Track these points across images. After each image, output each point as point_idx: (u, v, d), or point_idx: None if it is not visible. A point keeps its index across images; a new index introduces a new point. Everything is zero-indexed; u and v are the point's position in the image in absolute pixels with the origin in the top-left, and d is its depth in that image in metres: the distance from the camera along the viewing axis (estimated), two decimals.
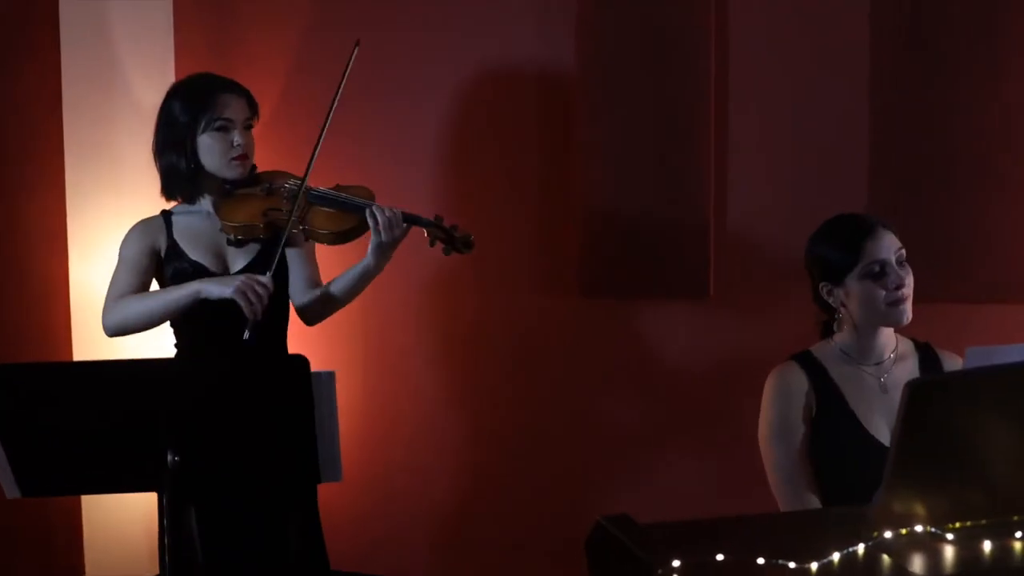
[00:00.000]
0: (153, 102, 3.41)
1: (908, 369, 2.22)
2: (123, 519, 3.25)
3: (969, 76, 2.78)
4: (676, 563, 1.26)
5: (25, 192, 2.91)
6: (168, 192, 2.46)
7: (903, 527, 1.44)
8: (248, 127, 2.41)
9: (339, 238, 2.35)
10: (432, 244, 2.38)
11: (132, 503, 3.25)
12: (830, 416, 2.16)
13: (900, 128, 2.87)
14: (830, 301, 2.20)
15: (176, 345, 2.48)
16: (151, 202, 3.38)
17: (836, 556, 1.37)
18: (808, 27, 2.95)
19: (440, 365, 3.33)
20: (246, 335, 2.20)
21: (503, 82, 3.19)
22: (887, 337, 2.22)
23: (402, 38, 3.28)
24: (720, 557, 1.29)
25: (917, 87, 2.84)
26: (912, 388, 1.37)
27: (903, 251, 2.15)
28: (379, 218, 2.28)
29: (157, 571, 3.34)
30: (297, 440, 1.83)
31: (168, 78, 3.48)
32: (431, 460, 3.35)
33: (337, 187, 2.44)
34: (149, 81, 3.41)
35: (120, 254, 2.43)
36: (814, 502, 2.12)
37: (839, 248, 2.16)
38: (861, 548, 1.40)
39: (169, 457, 1.80)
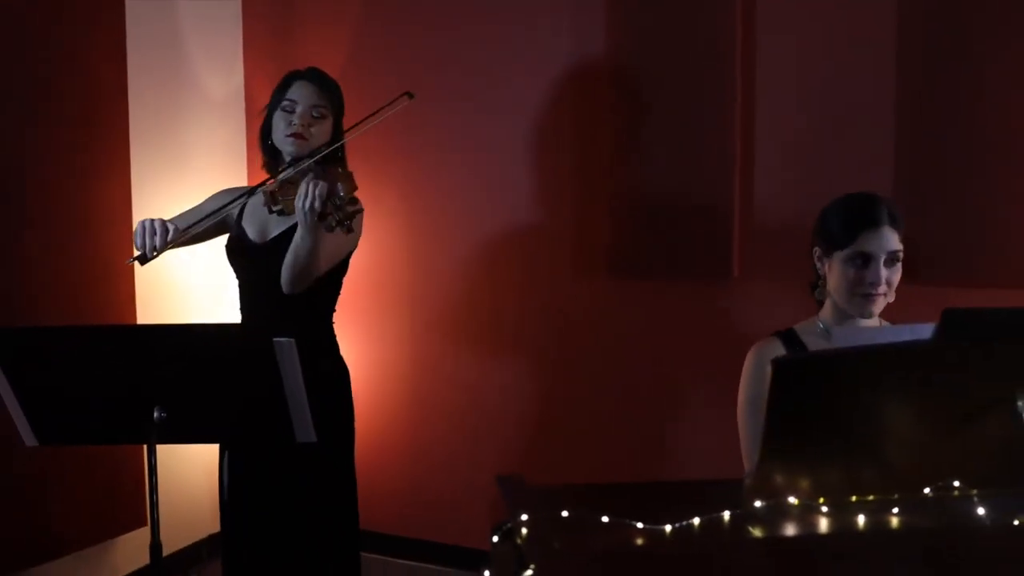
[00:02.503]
0: (222, 93, 3.69)
1: None
2: (188, 474, 3.53)
3: (997, 57, 2.72)
4: (523, 516, 1.36)
5: (93, 179, 3.18)
6: (265, 167, 2.71)
7: (776, 498, 1.50)
8: (318, 115, 2.59)
9: (291, 207, 2.45)
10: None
11: (196, 459, 3.52)
12: None
13: (927, 110, 2.83)
14: (816, 265, 2.24)
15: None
16: (224, 181, 3.62)
17: (696, 520, 1.45)
18: (834, 10, 2.93)
19: (479, 343, 3.48)
20: (128, 260, 2.38)
21: (538, 74, 3.29)
22: (869, 319, 2.22)
23: (442, 32, 3.42)
24: (564, 514, 1.38)
25: (944, 69, 2.79)
26: (776, 365, 1.42)
27: (900, 251, 2.14)
28: (301, 186, 2.38)
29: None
30: (268, 404, 2.01)
31: (236, 71, 3.74)
32: (469, 433, 3.51)
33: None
34: (216, 73, 3.66)
35: (204, 201, 2.72)
36: None
37: (840, 226, 2.17)
38: (727, 515, 1.47)
39: (155, 413, 2.01)
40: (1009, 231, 2.77)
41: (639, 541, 1.39)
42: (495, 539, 1.38)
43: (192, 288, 3.51)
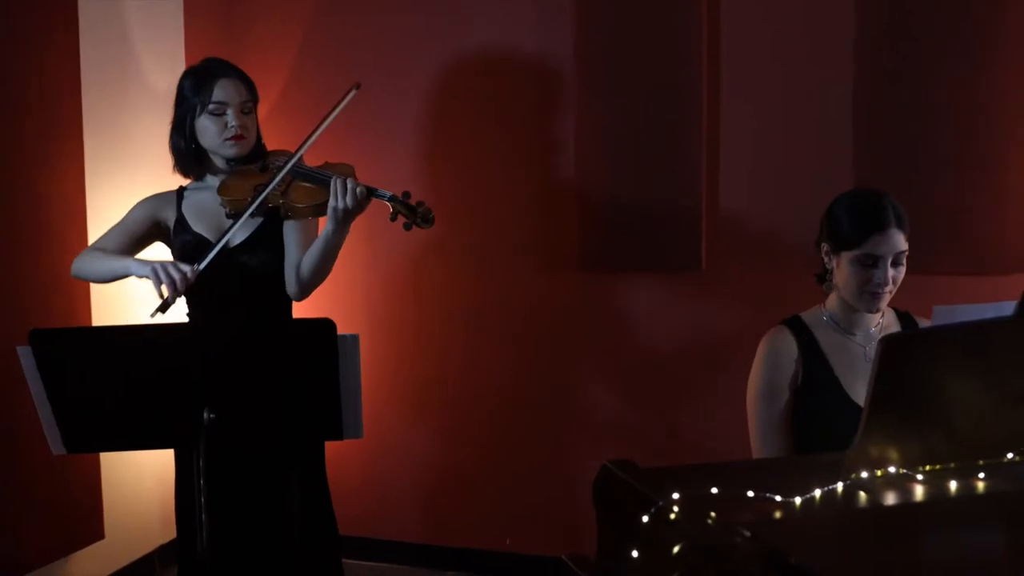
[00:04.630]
0: (165, 87, 3.57)
1: None
2: (140, 486, 3.40)
3: (950, 64, 2.94)
4: (675, 495, 1.41)
5: (47, 171, 3.04)
6: (179, 169, 2.63)
7: (877, 469, 1.60)
8: (247, 110, 2.54)
9: (316, 211, 2.44)
10: (394, 219, 2.43)
11: (149, 470, 3.40)
12: (816, 381, 2.29)
13: (883, 113, 3.02)
14: (824, 260, 2.32)
15: (187, 315, 2.63)
16: (164, 180, 3.51)
17: (817, 492, 1.53)
18: (795, 17, 3.10)
19: (445, 336, 3.49)
20: (152, 313, 2.28)
21: (505, 69, 3.33)
22: (874, 315, 2.34)
23: (404, 26, 3.41)
24: (714, 491, 1.44)
25: (899, 74, 2.99)
26: (886, 342, 1.52)
27: (905, 251, 2.23)
28: (338, 184, 2.37)
29: (172, 536, 3.51)
30: (322, 398, 1.98)
31: (179, 64, 3.62)
32: (433, 429, 3.51)
33: (324, 164, 2.54)
34: (161, 67, 3.54)
35: (126, 215, 2.60)
36: None
37: (849, 227, 2.23)
38: (840, 486, 1.56)
39: (205, 415, 1.95)
40: (962, 221, 2.98)
41: (777, 514, 1.46)
42: (644, 519, 1.42)
43: (149, 290, 3.38)
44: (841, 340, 2.33)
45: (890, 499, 1.57)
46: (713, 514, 1.42)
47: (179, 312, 2.63)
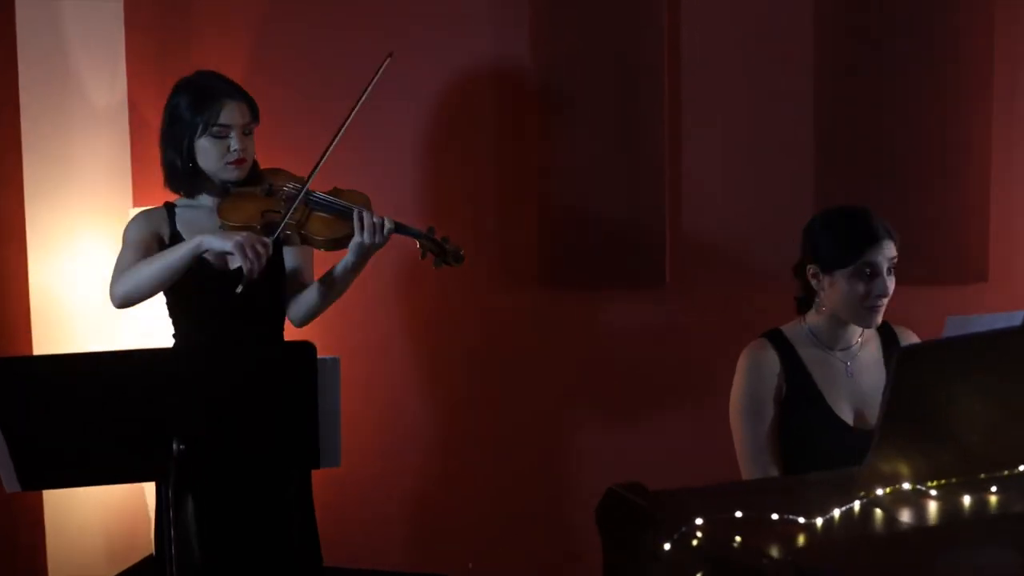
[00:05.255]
0: (105, 102, 3.43)
1: (872, 353, 2.32)
2: (84, 520, 3.24)
3: (910, 73, 2.95)
4: (699, 521, 1.35)
5: None
6: (169, 185, 2.49)
7: (890, 485, 1.56)
8: (248, 132, 2.44)
9: (333, 244, 2.38)
10: (423, 256, 2.41)
11: (93, 504, 3.23)
12: (799, 396, 2.26)
13: (844, 124, 3.03)
14: (812, 283, 2.28)
15: (174, 335, 2.49)
16: (105, 198, 3.39)
17: (836, 512, 1.48)
18: (755, 30, 3.09)
19: (401, 359, 3.39)
20: (239, 289, 2.20)
21: (461, 80, 3.26)
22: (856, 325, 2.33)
23: (358, 37, 3.32)
24: (738, 514, 1.38)
25: (859, 84, 3.00)
26: (902, 354, 1.49)
27: (895, 259, 2.23)
28: (365, 221, 2.33)
29: (118, 570, 3.35)
30: (299, 425, 1.88)
31: (119, 78, 3.48)
32: (393, 454, 3.41)
33: (334, 190, 2.46)
34: (100, 81, 3.40)
35: (125, 239, 2.44)
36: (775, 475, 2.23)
37: (841, 245, 2.21)
38: (857, 505, 1.51)
39: (174, 445, 1.83)
40: (922, 231, 2.99)
41: (800, 536, 1.41)
42: (667, 546, 1.36)
43: (92, 309, 3.23)
44: (823, 355, 2.30)
45: (906, 516, 1.53)
46: (739, 538, 1.36)
47: (166, 335, 2.51)
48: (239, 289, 2.21)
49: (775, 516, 1.39)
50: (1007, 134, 2.94)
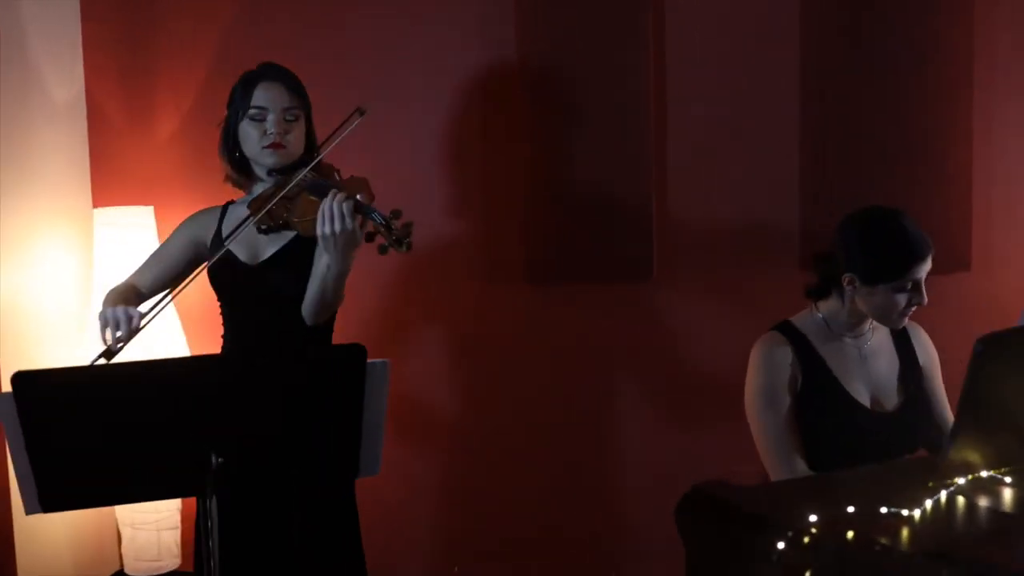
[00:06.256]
0: (64, 97, 3.24)
1: (881, 339, 2.37)
2: (53, 536, 3.08)
3: (894, 64, 3.00)
4: (812, 518, 1.32)
5: None
6: (228, 179, 2.44)
7: (969, 474, 1.57)
8: (291, 117, 2.36)
9: (310, 226, 2.23)
10: (370, 239, 2.26)
11: (61, 519, 3.06)
12: (816, 384, 2.29)
13: (829, 119, 3.06)
14: (847, 288, 2.28)
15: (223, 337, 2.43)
16: (66, 199, 3.21)
17: (928, 503, 1.48)
18: (741, 21, 3.09)
19: (387, 357, 3.29)
20: (94, 360, 2.06)
21: (445, 73, 3.19)
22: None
23: (340, 33, 3.22)
24: (851, 509, 1.36)
25: (845, 76, 3.03)
26: (984, 343, 1.49)
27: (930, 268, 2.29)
28: (325, 207, 2.17)
29: None
30: (343, 431, 1.80)
31: (77, 73, 3.30)
32: None
33: (351, 179, 2.37)
34: (59, 76, 3.22)
35: (167, 239, 2.45)
36: (802, 465, 2.24)
37: (888, 264, 2.23)
38: (943, 495, 1.51)
39: (213, 459, 1.73)
40: None
41: (904, 529, 1.40)
42: (781, 545, 1.33)
43: (53, 314, 3.06)
44: (836, 343, 2.34)
45: (987, 502, 1.53)
46: (851, 533, 1.34)
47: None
48: (94, 360, 2.06)
49: (884, 510, 1.37)
50: (987, 128, 3.02)
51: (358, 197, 2.18)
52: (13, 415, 1.62)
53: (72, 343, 3.11)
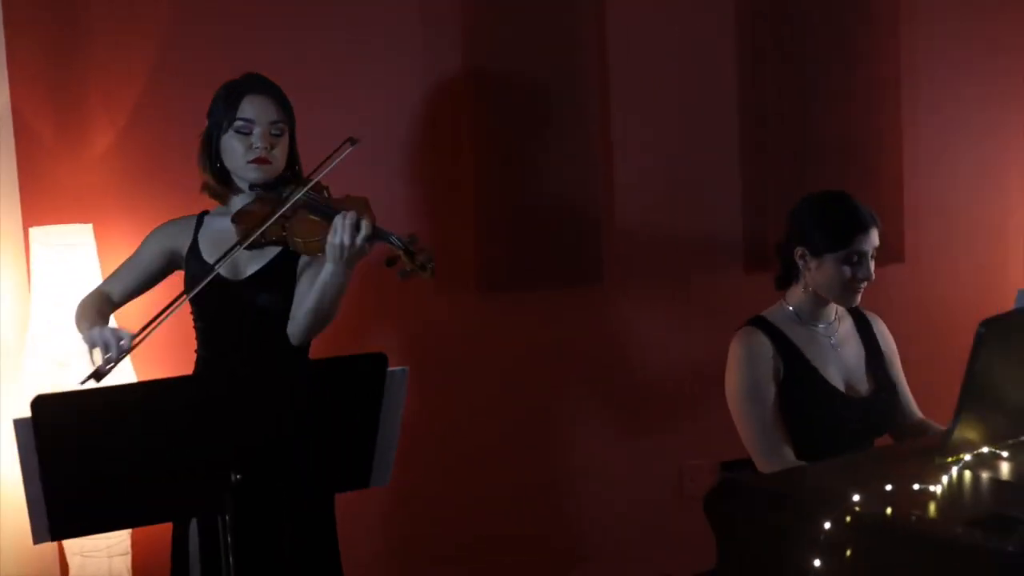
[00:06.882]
0: None
1: (848, 328, 2.50)
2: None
3: (826, 72, 3.16)
4: (856, 497, 1.39)
5: None
6: (205, 190, 2.38)
7: (973, 450, 1.67)
8: (276, 132, 2.32)
9: (313, 247, 2.24)
10: (391, 264, 2.29)
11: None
12: (796, 374, 2.39)
13: (767, 123, 3.21)
14: (799, 263, 2.41)
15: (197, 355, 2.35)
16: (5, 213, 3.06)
17: (945, 479, 1.57)
18: (680, 31, 3.20)
19: None
20: (83, 381, 2.03)
21: (391, 84, 3.18)
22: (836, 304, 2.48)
23: (278, 38, 3.18)
24: (888, 487, 1.44)
25: (780, 84, 3.18)
26: (986, 326, 1.59)
27: (877, 246, 2.40)
28: (339, 221, 2.20)
29: None
30: (358, 441, 1.79)
31: (2, 85, 3.16)
32: None
33: (347, 198, 2.36)
34: None
35: (139, 247, 2.40)
36: (789, 453, 2.33)
37: (832, 233, 2.35)
38: (954, 471, 1.61)
39: (232, 477, 1.70)
40: None
41: (932, 505, 1.48)
42: (827, 525, 1.40)
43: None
44: (808, 332, 2.44)
45: (991, 474, 1.64)
46: (889, 510, 1.41)
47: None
48: (83, 381, 2.03)
49: (916, 487, 1.45)
50: (915, 122, 3.19)
51: (365, 219, 2.19)
52: (30, 440, 1.57)
53: (11, 368, 2.97)
